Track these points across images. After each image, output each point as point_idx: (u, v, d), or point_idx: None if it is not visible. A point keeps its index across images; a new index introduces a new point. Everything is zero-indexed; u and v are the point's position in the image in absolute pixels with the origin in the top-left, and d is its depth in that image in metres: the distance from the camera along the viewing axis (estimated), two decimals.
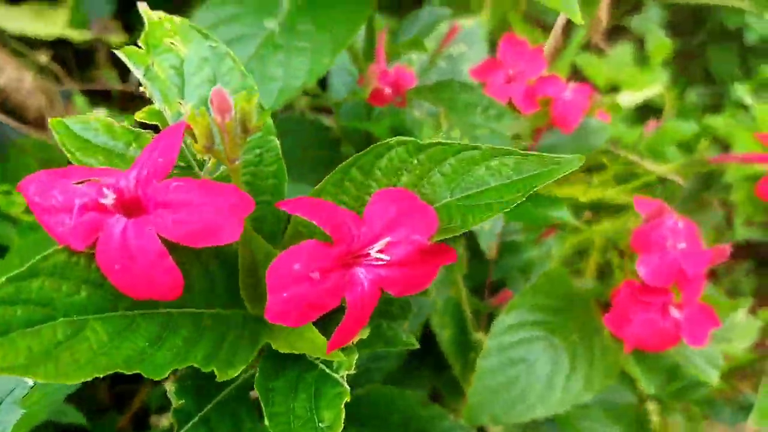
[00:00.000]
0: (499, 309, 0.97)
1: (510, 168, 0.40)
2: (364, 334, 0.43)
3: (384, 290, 0.39)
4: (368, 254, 0.39)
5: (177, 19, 0.43)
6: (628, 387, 1.16)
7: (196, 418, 0.45)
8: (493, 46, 1.07)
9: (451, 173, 0.41)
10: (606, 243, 1.20)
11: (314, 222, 0.35)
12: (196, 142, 0.32)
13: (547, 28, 1.97)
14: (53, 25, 1.45)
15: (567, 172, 0.39)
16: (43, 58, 1.38)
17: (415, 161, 0.42)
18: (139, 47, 0.42)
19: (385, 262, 0.38)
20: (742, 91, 1.37)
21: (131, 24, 1.56)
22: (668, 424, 1.40)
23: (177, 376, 0.44)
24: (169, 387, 0.43)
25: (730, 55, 2.21)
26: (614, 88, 1.67)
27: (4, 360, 0.29)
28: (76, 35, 1.46)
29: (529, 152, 0.40)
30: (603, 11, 1.00)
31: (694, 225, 0.65)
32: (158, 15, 0.43)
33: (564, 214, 0.88)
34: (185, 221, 0.32)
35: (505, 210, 0.39)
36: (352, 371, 0.41)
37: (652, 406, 1.37)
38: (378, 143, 0.42)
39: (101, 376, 0.31)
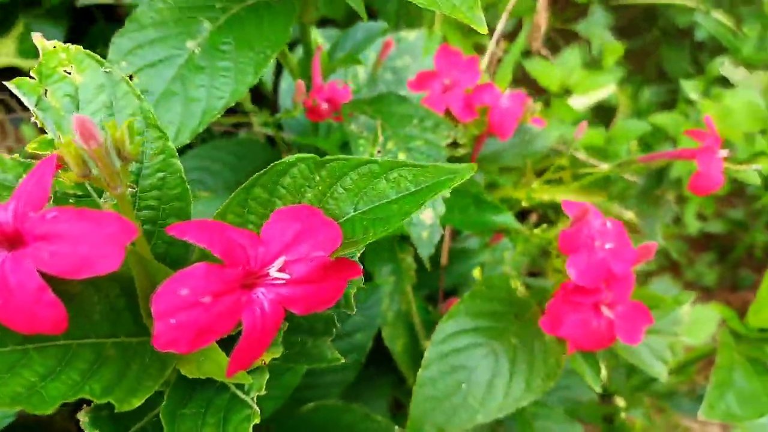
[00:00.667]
0: None
1: (408, 180, 0.40)
2: (276, 353, 0.43)
3: (288, 309, 0.39)
4: (268, 274, 0.38)
5: (72, 47, 0.43)
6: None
7: None
8: None
9: (353, 188, 0.42)
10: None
11: (203, 246, 0.35)
12: (68, 170, 0.32)
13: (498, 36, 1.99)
14: (1, 54, 1.43)
15: (462, 181, 0.39)
16: None
17: (318, 177, 0.42)
18: (32, 78, 0.42)
19: (284, 281, 0.38)
20: (689, 87, 1.40)
21: (85, 47, 1.55)
22: (632, 419, 1.41)
23: (92, 406, 0.43)
24: (82, 417, 0.42)
25: (682, 53, 2.26)
26: (567, 92, 1.70)
27: None
28: (25, 63, 1.44)
29: (425, 164, 0.40)
30: (541, 18, 1.01)
31: (621, 225, 0.66)
32: (53, 44, 0.43)
33: (507, 219, 0.89)
34: (61, 253, 0.32)
35: (403, 221, 0.39)
36: (261, 392, 0.41)
37: (620, 402, 1.38)
38: (278, 161, 0.42)
39: None
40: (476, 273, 1.08)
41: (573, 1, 1.80)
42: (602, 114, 2.10)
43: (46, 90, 0.42)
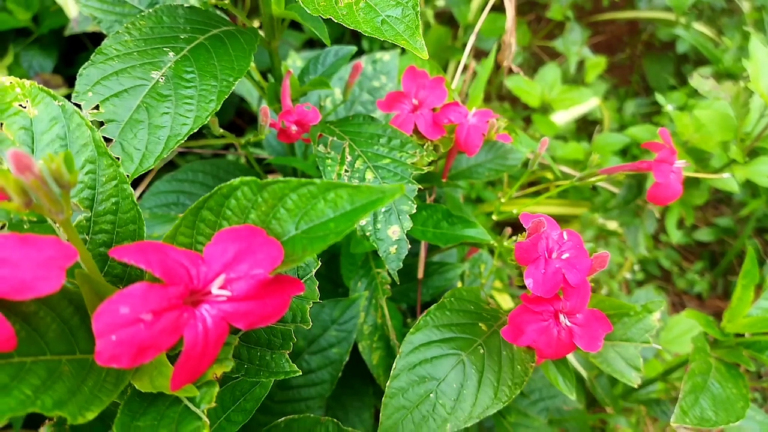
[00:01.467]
0: None
1: (345, 200, 0.43)
2: (226, 367, 0.45)
3: (232, 325, 0.41)
4: (210, 291, 0.41)
5: (27, 82, 0.46)
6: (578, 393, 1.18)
7: None
8: None
9: (293, 208, 0.44)
10: None
11: (141, 267, 0.37)
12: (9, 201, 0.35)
13: (482, 55, 2.03)
14: None
15: (392, 200, 0.41)
16: None
17: (260, 199, 0.44)
18: None
19: (226, 298, 0.41)
20: (663, 100, 1.42)
21: (73, 79, 1.59)
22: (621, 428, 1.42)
23: (54, 421, 0.45)
24: None
25: (665, 66, 2.29)
26: (549, 108, 1.73)
27: None
28: None
29: (359, 185, 0.42)
30: (510, 36, 1.04)
31: (578, 236, 0.68)
32: (9, 80, 0.45)
33: (478, 233, 0.91)
34: (3, 276, 0.34)
35: (339, 238, 0.41)
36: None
37: (609, 410, 1.39)
38: (222, 184, 0.44)
39: None
40: (459, 286, 1.10)
41: (551, 18, 1.84)
42: (589, 127, 2.13)
43: (1, 123, 0.44)
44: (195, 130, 0.65)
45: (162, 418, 0.43)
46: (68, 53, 1.69)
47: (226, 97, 0.66)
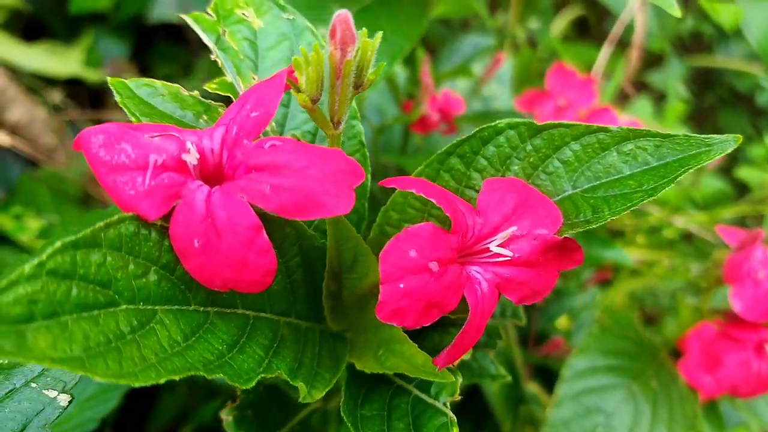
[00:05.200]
0: (549, 359, 0.89)
1: (648, 152, 0.34)
2: (468, 354, 0.36)
3: (503, 295, 0.32)
4: (486, 249, 0.32)
5: None
6: None
7: None
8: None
9: (572, 161, 0.35)
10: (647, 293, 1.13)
11: (433, 200, 0.29)
12: (299, 91, 0.26)
13: None
14: (68, 64, 1.41)
15: (721, 155, 0.33)
16: (57, 96, 1.34)
17: (530, 147, 0.36)
18: (210, 15, 0.37)
19: (507, 260, 0.32)
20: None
21: (146, 65, 1.54)
22: None
23: (234, 404, 0.36)
24: (225, 416, 0.35)
25: (741, 117, 2.23)
26: None
27: (54, 348, 0.22)
28: (90, 75, 1.42)
29: (672, 133, 0.34)
30: (635, 58, 0.97)
31: None
32: None
33: (619, 255, 0.82)
34: (286, 187, 0.25)
35: (651, 198, 0.32)
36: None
37: None
38: (484, 126, 0.36)
39: (177, 379, 0.24)
40: (563, 322, 1.00)
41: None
42: None
43: (225, 30, 0.36)
44: (393, 63, 0.57)
45: (391, 409, 0.34)
46: (141, 42, 1.65)
47: (398, 62, 0.59)
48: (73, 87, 1.41)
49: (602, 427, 0.59)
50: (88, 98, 1.47)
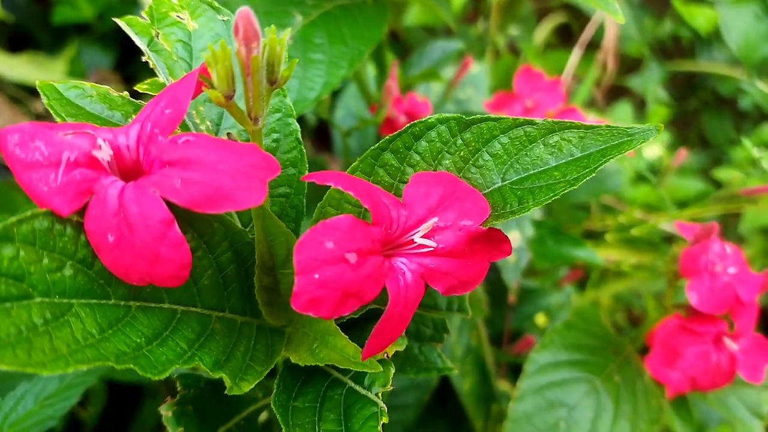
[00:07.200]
0: (521, 358, 0.89)
1: (573, 144, 0.35)
2: (401, 345, 0.36)
3: (429, 285, 0.33)
4: (411, 241, 0.32)
5: None
6: None
7: None
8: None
9: (501, 154, 0.36)
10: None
11: (351, 194, 0.29)
12: (212, 87, 0.27)
13: None
14: (52, 74, 1.43)
15: (640, 145, 0.33)
16: (40, 106, 1.35)
17: (460, 141, 0.36)
18: (143, 18, 0.38)
19: (431, 250, 0.32)
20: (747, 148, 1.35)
21: (131, 76, 1.55)
22: None
23: (175, 400, 0.37)
24: (165, 412, 0.35)
25: (725, 121, 2.24)
26: None
27: None
28: None
29: (596, 125, 0.35)
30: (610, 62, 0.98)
31: (740, 250, 0.60)
32: None
33: (589, 254, 0.83)
34: (197, 181, 0.26)
35: (572, 189, 0.33)
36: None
37: None
38: (415, 122, 0.37)
39: (85, 369, 0.24)
40: (540, 319, 1.01)
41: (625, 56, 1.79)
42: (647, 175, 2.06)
43: (158, 33, 0.37)
44: (323, 97, 0.58)
45: (324, 401, 0.34)
46: (125, 54, 1.66)
47: (357, 66, 0.60)
48: None
49: (564, 421, 0.60)
50: None
